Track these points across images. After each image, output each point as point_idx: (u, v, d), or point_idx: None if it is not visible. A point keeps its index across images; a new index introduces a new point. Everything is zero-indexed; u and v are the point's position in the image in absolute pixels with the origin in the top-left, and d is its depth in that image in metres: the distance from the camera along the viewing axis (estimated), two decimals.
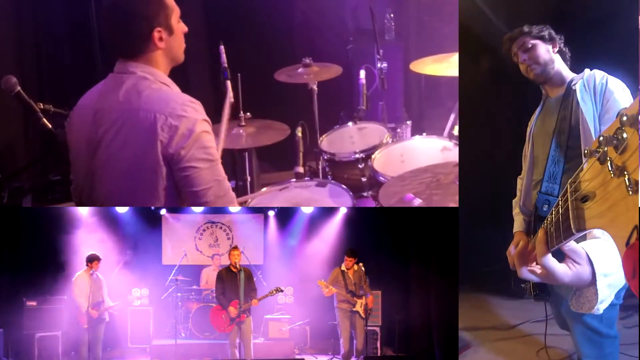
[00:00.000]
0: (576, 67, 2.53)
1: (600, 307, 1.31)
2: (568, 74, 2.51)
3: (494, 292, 4.93)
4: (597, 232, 1.21)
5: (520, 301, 4.65)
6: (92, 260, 4.38)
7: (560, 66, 2.52)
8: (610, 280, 1.29)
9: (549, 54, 2.50)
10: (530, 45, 2.51)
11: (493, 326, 4.40)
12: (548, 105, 2.55)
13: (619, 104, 2.25)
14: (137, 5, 2.22)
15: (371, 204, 3.61)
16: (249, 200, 3.39)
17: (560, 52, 2.53)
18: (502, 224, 2.87)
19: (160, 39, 2.23)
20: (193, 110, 2.20)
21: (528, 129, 2.62)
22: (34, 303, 4.56)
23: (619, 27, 3.08)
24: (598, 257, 1.29)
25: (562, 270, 1.30)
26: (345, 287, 4.43)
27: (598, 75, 2.36)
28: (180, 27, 2.30)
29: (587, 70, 2.42)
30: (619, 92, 2.30)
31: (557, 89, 2.51)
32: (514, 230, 2.58)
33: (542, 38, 2.52)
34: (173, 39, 2.28)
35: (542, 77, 2.51)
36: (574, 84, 2.39)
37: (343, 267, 4.49)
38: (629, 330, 3.71)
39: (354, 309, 4.43)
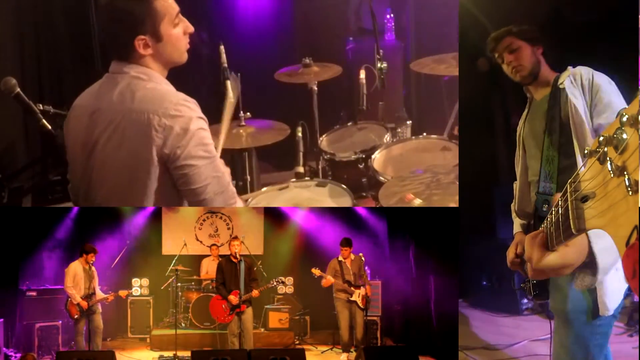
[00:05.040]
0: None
1: (610, 297, 1.27)
2: (551, 73, 2.50)
3: (492, 295, 4.88)
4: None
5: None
6: (88, 251, 4.34)
7: (544, 67, 2.51)
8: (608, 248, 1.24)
9: (535, 56, 2.48)
10: (516, 47, 2.47)
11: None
12: (534, 107, 2.54)
13: (607, 95, 2.26)
14: (120, 13, 2.15)
15: (371, 204, 3.61)
16: (250, 199, 3.39)
17: (544, 53, 2.50)
18: (502, 224, 2.87)
19: (146, 46, 2.16)
20: (187, 108, 2.16)
21: (517, 134, 2.61)
22: (34, 293, 4.56)
23: (618, 27, 3.07)
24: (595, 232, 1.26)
25: (557, 255, 1.25)
26: (342, 277, 4.45)
27: (584, 70, 2.35)
28: (177, 31, 2.21)
29: (570, 68, 2.41)
30: (606, 85, 2.30)
31: (543, 89, 2.49)
32: (513, 232, 2.58)
33: (528, 40, 2.48)
34: (163, 45, 2.19)
35: (528, 79, 2.48)
36: (561, 83, 2.38)
37: (340, 258, 4.51)
38: None
39: (352, 299, 4.44)
